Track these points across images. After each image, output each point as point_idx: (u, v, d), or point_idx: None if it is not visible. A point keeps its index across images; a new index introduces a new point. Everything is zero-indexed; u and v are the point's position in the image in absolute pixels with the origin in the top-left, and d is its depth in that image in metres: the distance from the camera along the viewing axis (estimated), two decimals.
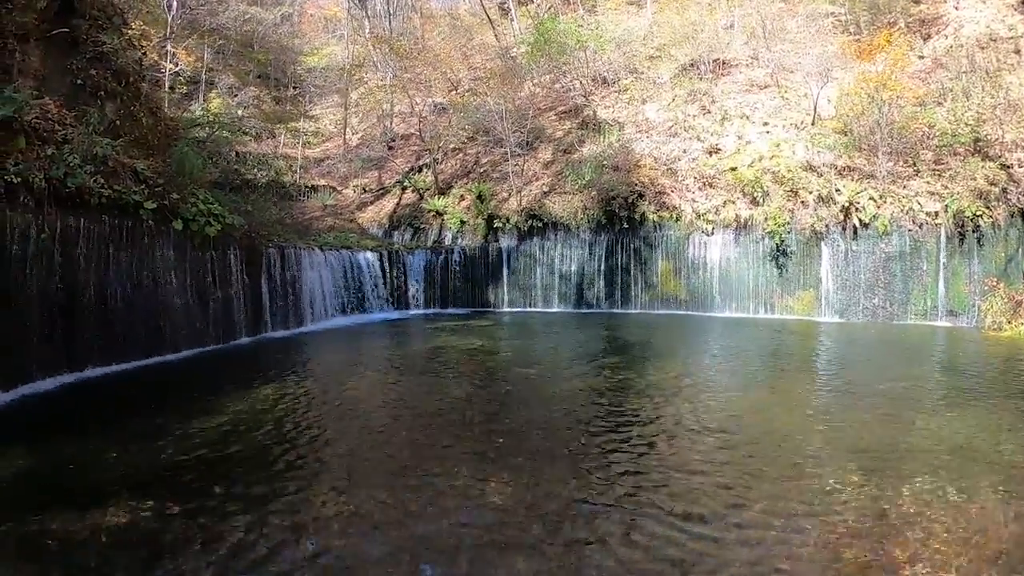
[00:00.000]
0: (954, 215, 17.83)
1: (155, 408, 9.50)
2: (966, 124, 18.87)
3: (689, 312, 21.01)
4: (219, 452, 7.35)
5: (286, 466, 6.86)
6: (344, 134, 30.63)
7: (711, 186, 21.59)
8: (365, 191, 27.94)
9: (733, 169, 21.26)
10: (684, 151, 22.96)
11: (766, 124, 22.51)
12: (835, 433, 7.86)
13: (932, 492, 5.96)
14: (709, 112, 23.89)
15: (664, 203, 21.75)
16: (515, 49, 29.14)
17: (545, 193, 23.96)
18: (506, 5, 32.50)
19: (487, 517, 5.58)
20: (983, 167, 18.05)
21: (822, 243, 19.45)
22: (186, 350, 13.59)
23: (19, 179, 9.92)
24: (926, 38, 23.07)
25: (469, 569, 4.78)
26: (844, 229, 19.16)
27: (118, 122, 12.78)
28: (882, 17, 23.86)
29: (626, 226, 21.93)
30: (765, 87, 24.06)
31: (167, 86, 20.93)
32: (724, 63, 25.68)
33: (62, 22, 11.62)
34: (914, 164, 19.21)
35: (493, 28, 29.48)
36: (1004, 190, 17.67)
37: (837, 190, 19.27)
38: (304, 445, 7.61)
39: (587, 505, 5.82)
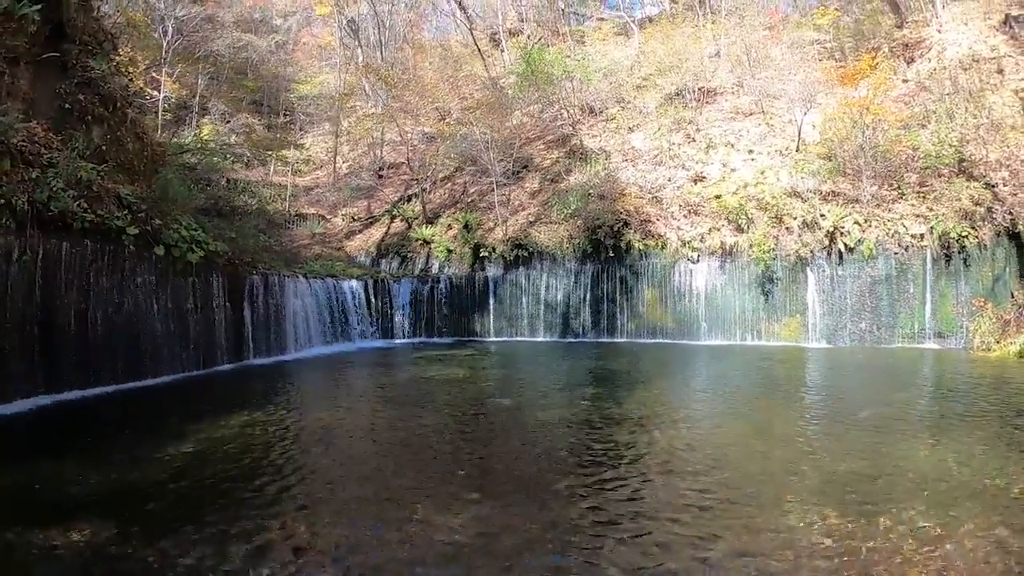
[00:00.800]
0: (939, 236, 17.87)
1: (128, 432, 9.46)
2: (950, 145, 18.96)
3: (676, 340, 20.87)
4: (186, 478, 7.20)
5: (251, 493, 6.70)
6: (334, 162, 30.87)
7: (696, 214, 21.73)
8: (354, 220, 28.06)
9: (718, 197, 21.43)
10: (669, 179, 23.18)
11: (751, 151, 22.77)
12: (813, 465, 7.59)
13: (909, 525, 5.69)
14: (694, 140, 24.18)
15: (649, 231, 21.86)
16: (504, 80, 29.57)
17: (531, 222, 24.10)
18: (497, 36, 33.09)
19: (439, 549, 5.41)
20: (968, 187, 18.13)
21: (807, 269, 19.43)
22: (166, 375, 13.49)
23: (2, 201, 9.97)
24: (910, 62, 23.39)
25: None
26: (829, 254, 19.17)
27: (104, 147, 12.84)
28: (866, 43, 24.29)
29: (612, 255, 21.96)
30: (750, 114, 24.39)
31: (160, 111, 21.18)
32: (710, 91, 26.06)
33: (52, 46, 11.69)
34: (899, 187, 19.28)
35: (483, 59, 29.94)
36: (989, 209, 17.70)
37: (822, 215, 19.31)
38: (271, 473, 7.45)
39: (546, 543, 5.55)
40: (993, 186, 18.07)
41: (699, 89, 25.70)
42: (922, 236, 18.17)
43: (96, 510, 6.11)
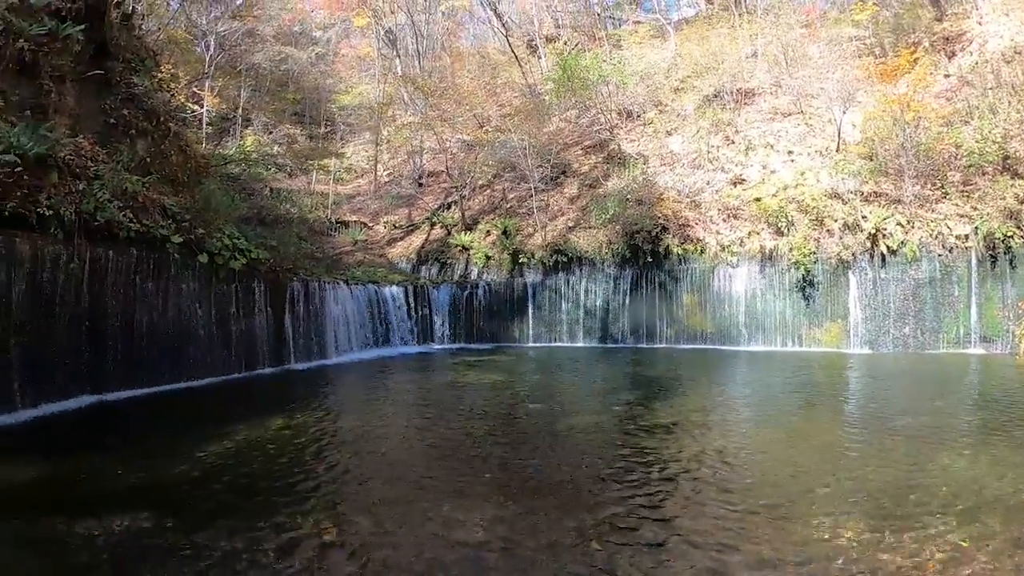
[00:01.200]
0: (984, 237, 17.22)
1: (169, 431, 9.90)
2: (993, 142, 18.23)
3: (715, 346, 20.56)
4: (223, 475, 7.56)
5: (284, 490, 7.01)
6: (375, 171, 31.40)
7: (735, 217, 21.40)
8: (395, 227, 28.48)
9: (757, 199, 21.05)
10: (708, 183, 22.89)
11: (791, 152, 22.32)
12: (844, 474, 7.39)
13: (937, 540, 5.46)
14: (733, 142, 23.84)
15: (688, 236, 21.61)
16: (542, 86, 29.65)
17: (570, 228, 24.08)
18: (534, 43, 33.21)
19: (459, 552, 5.50)
20: (1012, 185, 17.42)
21: (849, 272, 18.92)
22: (208, 378, 13.94)
23: (51, 212, 10.44)
24: (951, 56, 22.59)
25: None
26: (871, 257, 18.62)
27: (148, 159, 13.37)
28: (905, 37, 23.57)
29: (650, 260, 21.78)
30: (789, 115, 23.92)
31: (205, 124, 21.94)
32: (748, 92, 25.66)
33: (97, 64, 12.24)
34: (942, 186, 18.65)
35: (520, 65, 30.08)
36: None
37: (863, 217, 18.79)
38: (305, 472, 7.72)
39: (566, 549, 5.57)
40: None
41: (737, 90, 25.32)
42: (966, 237, 17.55)
43: (134, 503, 6.44)
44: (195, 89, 18.29)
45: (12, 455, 8.17)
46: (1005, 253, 17.11)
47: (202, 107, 16.14)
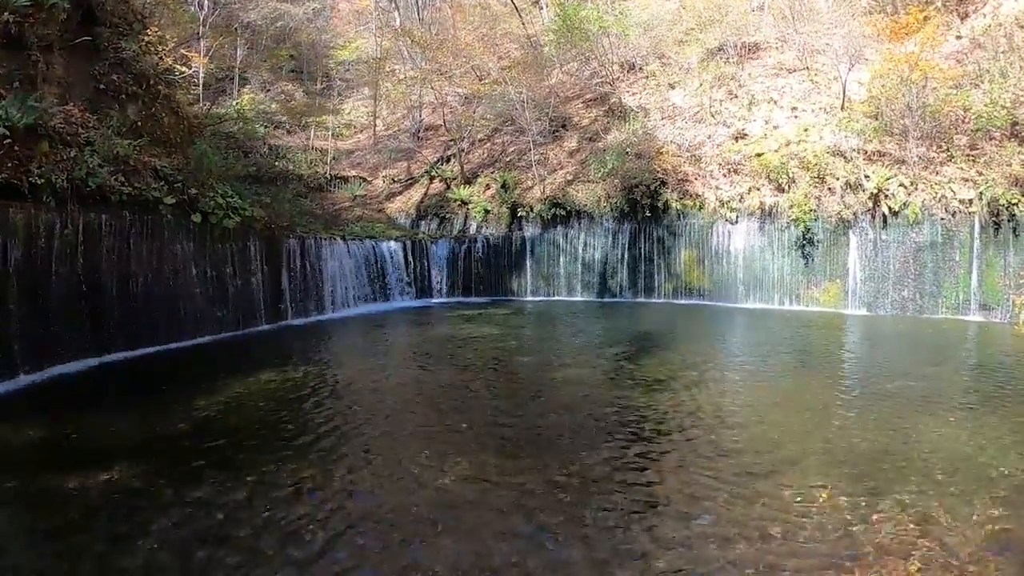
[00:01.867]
0: (989, 203, 16.90)
1: (166, 388, 10.45)
2: (1002, 107, 17.77)
3: (713, 303, 20.66)
4: (213, 428, 8.05)
5: (271, 441, 7.51)
6: (374, 126, 31.25)
7: (736, 172, 21.20)
8: (394, 181, 28.45)
9: (759, 155, 20.76)
10: (709, 137, 22.63)
11: (794, 109, 21.94)
12: (827, 437, 7.55)
13: (911, 508, 5.56)
14: (736, 97, 23.43)
15: (687, 191, 21.50)
16: (544, 37, 29.16)
17: (569, 182, 24.01)
18: None
19: (432, 496, 5.96)
20: (1020, 152, 17.05)
21: (850, 232, 18.75)
22: (206, 336, 14.39)
23: (43, 180, 10.62)
24: (963, 17, 21.95)
25: (396, 545, 5.14)
26: (873, 217, 18.40)
27: (139, 123, 13.45)
28: None
29: (649, 215, 21.73)
30: (794, 71, 23.43)
31: (201, 85, 21.88)
32: (753, 46, 25.12)
33: (84, 31, 12.23)
34: (947, 149, 18.29)
35: (520, 16, 29.53)
36: None
37: (866, 176, 18.48)
38: (292, 424, 8.23)
39: (532, 497, 5.93)
40: None
41: (741, 44, 24.77)
42: (970, 202, 17.24)
43: (126, 456, 6.93)
44: (184, 51, 18.19)
45: (11, 419, 8.55)
46: (1009, 220, 16.83)
47: (191, 68, 16.12)
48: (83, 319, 11.59)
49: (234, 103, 24.35)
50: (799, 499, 5.79)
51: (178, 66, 14.88)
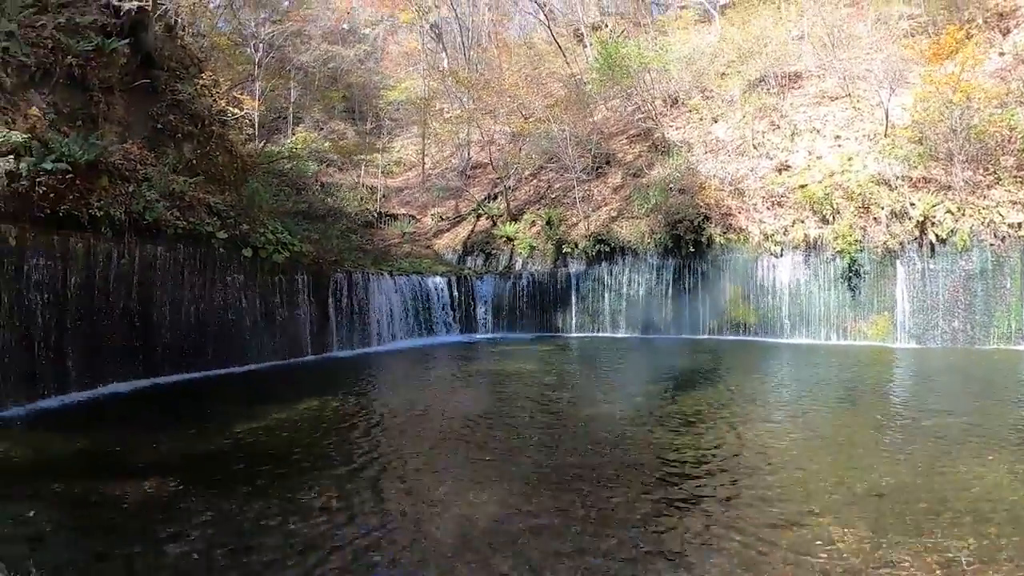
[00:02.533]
0: None
1: (209, 411, 10.82)
2: None
3: (758, 338, 20.22)
4: (250, 449, 8.35)
5: (301, 464, 7.75)
6: (423, 164, 32.12)
7: (779, 205, 20.95)
8: (442, 219, 29.08)
9: (803, 186, 20.51)
10: (752, 170, 22.47)
11: (838, 137, 21.66)
12: (856, 476, 7.19)
13: (937, 555, 5.20)
14: (778, 128, 23.29)
15: (731, 225, 21.31)
16: (587, 75, 29.63)
17: (613, 218, 24.10)
18: (580, 32, 33.15)
19: (453, 526, 5.98)
20: None
21: (897, 262, 18.23)
22: (252, 364, 14.87)
23: (102, 213, 11.33)
24: (1005, 33, 21.37)
25: (411, 565, 5.23)
26: (920, 246, 17.88)
27: (194, 161, 14.28)
28: (959, 14, 22.40)
29: (692, 250, 21.58)
30: (836, 98, 23.16)
31: (256, 124, 22.97)
32: (794, 76, 24.98)
33: (143, 74, 13.15)
34: (994, 171, 17.75)
35: (563, 55, 30.10)
36: None
37: (911, 204, 18.05)
38: (325, 449, 8.50)
39: (550, 529, 5.88)
40: None
41: (782, 74, 24.67)
42: (1020, 225, 16.65)
43: (165, 470, 7.27)
44: (236, 94, 19.19)
45: (60, 431, 9.12)
46: None
47: (243, 111, 17.05)
48: (136, 343, 12.24)
49: (288, 142, 25.44)
50: (817, 541, 5.51)
51: (231, 108, 15.68)
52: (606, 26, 32.01)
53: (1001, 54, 20.61)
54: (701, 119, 25.93)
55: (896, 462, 7.69)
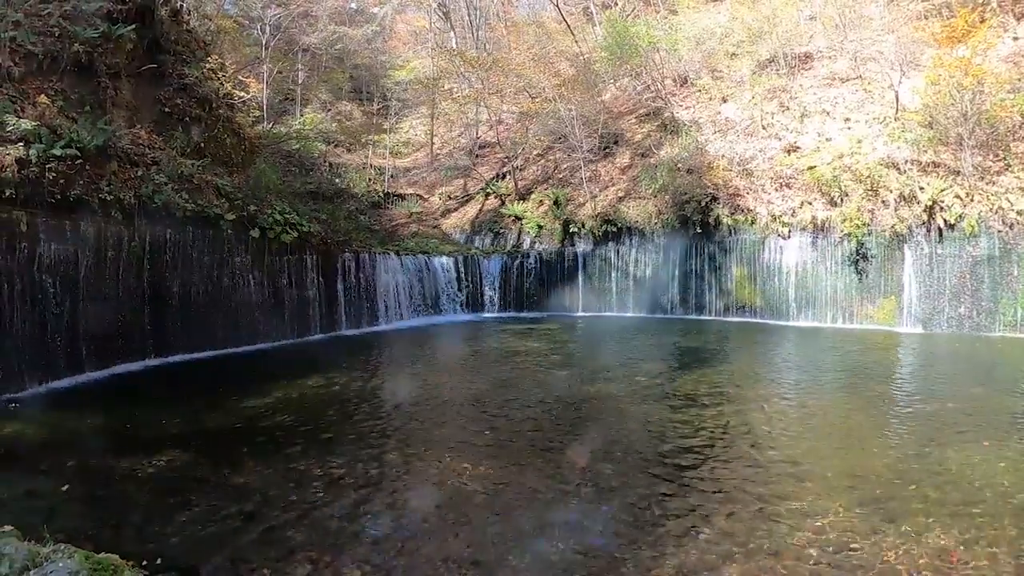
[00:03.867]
0: None
1: (218, 388, 11.22)
2: None
3: (764, 320, 20.23)
4: (258, 424, 8.73)
5: (309, 437, 8.11)
6: (431, 144, 32.15)
7: (787, 187, 20.83)
8: (450, 198, 29.14)
9: (811, 168, 20.34)
10: (760, 150, 22.32)
11: (847, 120, 21.43)
12: (850, 458, 7.36)
13: (923, 537, 5.29)
14: (788, 109, 23.04)
15: (738, 206, 21.23)
16: (596, 54, 29.42)
17: (621, 198, 24.08)
18: (590, 10, 32.86)
19: (446, 494, 6.35)
20: None
21: (904, 246, 18.10)
22: (261, 343, 15.21)
23: (112, 197, 11.57)
24: (1020, 17, 21.00)
25: (408, 532, 5.56)
26: (928, 231, 17.73)
27: (202, 144, 14.45)
28: None
29: (700, 230, 21.56)
30: (847, 80, 22.87)
31: (265, 106, 23.13)
32: (804, 57, 24.67)
33: (150, 59, 13.29)
34: (1004, 158, 17.51)
35: (572, 34, 29.87)
36: None
37: (920, 188, 17.85)
38: (331, 423, 8.91)
39: (543, 501, 6.20)
40: None
41: (793, 55, 24.38)
42: None
43: (176, 445, 7.64)
44: (241, 77, 19.32)
45: (74, 409, 9.51)
46: None
47: (248, 93, 17.17)
48: (146, 323, 12.58)
49: (296, 123, 25.55)
50: (806, 520, 5.66)
51: (237, 91, 15.84)
52: (616, 4, 31.65)
53: (1015, 39, 20.21)
54: (710, 99, 25.71)
55: (889, 445, 7.85)
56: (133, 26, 12.16)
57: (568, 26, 29.60)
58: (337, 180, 25.46)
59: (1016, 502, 6.04)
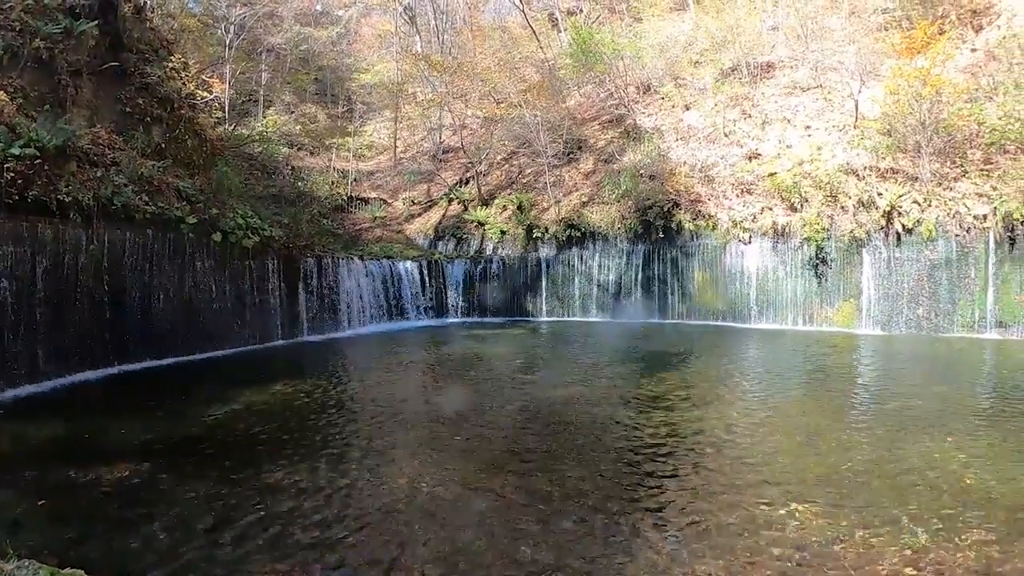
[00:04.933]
0: (1003, 218, 16.69)
1: (180, 397, 10.91)
2: (1016, 119, 17.55)
3: (726, 323, 20.62)
4: (219, 433, 8.51)
5: (268, 446, 7.91)
6: (394, 148, 31.97)
7: (749, 193, 21.27)
8: (414, 203, 28.99)
9: (772, 175, 20.83)
10: (722, 157, 22.77)
11: (808, 127, 22.04)
12: (812, 457, 7.43)
13: (885, 531, 5.37)
14: (750, 116, 23.59)
15: (700, 212, 21.61)
16: (560, 61, 29.68)
17: (584, 203, 24.31)
18: (555, 16, 33.13)
19: (414, 501, 6.27)
20: None
21: (863, 250, 18.64)
22: (224, 350, 14.88)
23: (70, 198, 11.20)
24: (977, 29, 21.88)
25: (375, 539, 5.48)
26: (886, 235, 18.28)
27: (164, 145, 14.12)
28: (933, 10, 22.84)
29: (662, 236, 21.89)
30: (808, 89, 23.55)
31: (227, 107, 22.71)
32: (767, 66, 25.32)
33: (111, 57, 12.93)
34: (961, 164, 18.15)
35: (537, 40, 30.09)
36: None
37: (879, 194, 18.40)
38: (291, 431, 8.64)
39: (512, 507, 6.13)
40: None
41: (755, 64, 24.99)
42: (985, 217, 17.04)
43: (137, 455, 7.42)
44: (205, 77, 18.94)
45: (33, 418, 9.14)
46: None
47: (211, 94, 16.83)
48: (106, 329, 12.18)
49: (259, 124, 25.14)
50: (767, 518, 5.75)
51: (200, 92, 15.52)
52: (581, 11, 32.00)
53: (973, 50, 21.02)
54: (673, 106, 26.16)
55: (852, 443, 7.97)
56: (96, 22, 11.83)
57: (534, 32, 29.80)
58: (300, 183, 25.10)
59: (978, 496, 6.19)
